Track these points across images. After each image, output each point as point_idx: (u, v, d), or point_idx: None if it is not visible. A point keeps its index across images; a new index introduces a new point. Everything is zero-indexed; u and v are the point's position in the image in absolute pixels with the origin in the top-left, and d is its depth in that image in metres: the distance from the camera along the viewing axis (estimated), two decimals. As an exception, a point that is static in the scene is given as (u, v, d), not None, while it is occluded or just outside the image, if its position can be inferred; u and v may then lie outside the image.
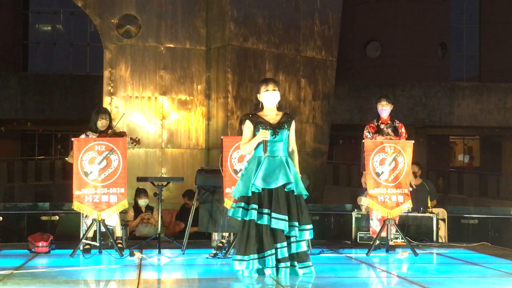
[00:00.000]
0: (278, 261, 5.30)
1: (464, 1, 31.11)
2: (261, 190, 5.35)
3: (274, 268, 5.29)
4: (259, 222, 5.31)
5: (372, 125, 7.61)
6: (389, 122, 7.59)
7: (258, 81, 10.77)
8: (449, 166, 28.07)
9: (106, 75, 10.81)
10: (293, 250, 5.36)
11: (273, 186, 5.34)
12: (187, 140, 11.05)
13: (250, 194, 5.35)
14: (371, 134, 7.56)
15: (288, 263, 5.31)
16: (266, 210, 5.31)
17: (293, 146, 5.61)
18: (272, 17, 11.29)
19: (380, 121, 7.59)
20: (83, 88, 20.86)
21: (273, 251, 5.29)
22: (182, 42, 11.07)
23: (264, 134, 5.38)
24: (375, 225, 7.45)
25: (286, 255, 5.31)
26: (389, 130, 7.54)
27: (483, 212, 11.39)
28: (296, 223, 5.33)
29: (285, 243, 5.31)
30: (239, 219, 5.43)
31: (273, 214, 5.28)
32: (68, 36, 30.70)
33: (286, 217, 5.29)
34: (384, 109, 7.53)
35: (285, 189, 5.37)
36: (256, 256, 5.29)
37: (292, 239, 5.35)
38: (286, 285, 5.05)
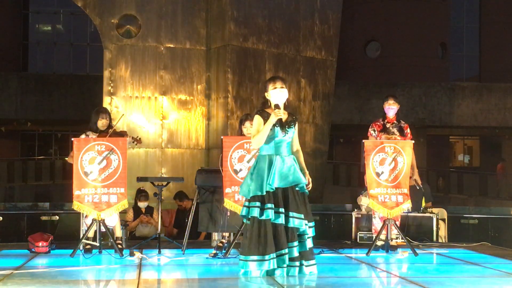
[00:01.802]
0: (289, 260, 5.33)
1: (464, 1, 31.13)
2: (275, 189, 5.35)
3: (285, 268, 5.30)
4: (275, 221, 5.31)
5: (378, 123, 7.62)
6: (395, 122, 7.60)
7: (258, 81, 10.87)
8: (449, 166, 28.07)
9: (106, 75, 10.82)
10: (304, 248, 5.39)
11: (289, 185, 5.37)
12: (187, 140, 11.05)
13: (264, 193, 5.34)
14: (376, 132, 7.56)
15: (297, 263, 5.35)
16: (281, 210, 5.33)
17: (297, 146, 5.63)
18: (272, 17, 11.29)
19: (386, 120, 7.60)
20: (83, 88, 20.87)
21: (287, 250, 5.31)
22: (182, 42, 11.08)
23: (278, 113, 5.37)
24: (377, 223, 7.47)
25: (297, 254, 5.34)
26: (395, 130, 7.55)
27: (483, 212, 11.39)
28: (307, 221, 5.40)
29: (296, 242, 5.34)
30: (248, 218, 5.41)
31: (291, 213, 5.31)
32: (68, 36, 30.71)
33: (303, 216, 5.33)
34: (392, 108, 7.54)
35: (297, 188, 5.41)
36: (274, 255, 5.29)
37: (305, 237, 5.40)
38: (286, 285, 5.05)
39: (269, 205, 5.30)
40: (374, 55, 27.60)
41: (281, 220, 5.30)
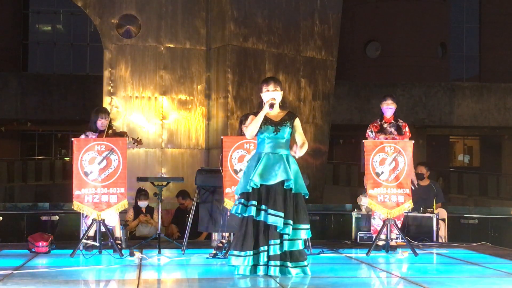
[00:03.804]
0: (268, 258, 5.31)
1: (464, 1, 31.10)
2: (259, 186, 5.36)
3: (265, 266, 5.31)
4: (257, 218, 5.33)
5: (375, 124, 7.60)
6: (393, 121, 7.58)
7: (258, 81, 10.86)
8: (449, 166, 28.07)
9: (106, 75, 10.82)
10: (286, 248, 5.34)
11: (271, 182, 5.35)
12: (187, 140, 11.05)
13: (250, 190, 5.37)
14: (373, 133, 7.55)
15: (278, 262, 5.31)
16: (263, 207, 5.33)
17: (303, 139, 5.54)
18: (272, 17, 11.29)
19: (383, 120, 7.58)
20: (83, 88, 20.87)
21: (266, 247, 5.32)
22: (182, 42, 11.08)
23: (272, 100, 5.43)
24: (377, 225, 7.44)
25: (278, 252, 5.31)
26: (392, 129, 7.53)
27: (483, 212, 11.39)
28: (291, 221, 5.33)
29: (278, 241, 5.31)
30: (239, 216, 5.45)
31: (269, 210, 5.30)
32: (68, 36, 30.69)
33: (282, 214, 5.30)
34: (390, 107, 7.52)
35: (284, 186, 5.38)
36: (251, 252, 5.32)
37: (285, 236, 5.34)
38: (286, 285, 5.05)
39: (252, 202, 5.34)
40: (374, 55, 27.58)
41: (262, 217, 5.32)
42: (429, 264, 6.71)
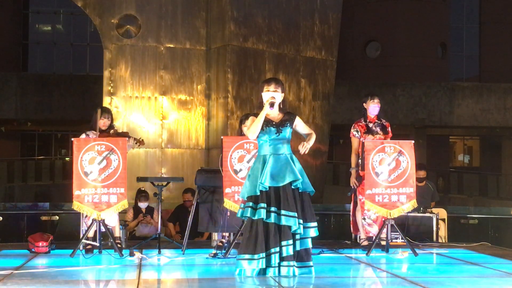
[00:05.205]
0: (282, 259, 5.31)
1: (464, 1, 31.10)
2: (268, 189, 5.36)
3: (277, 268, 5.30)
4: (267, 220, 5.32)
5: (361, 124, 7.59)
6: (377, 120, 7.58)
7: (258, 81, 10.87)
8: (449, 166, 28.07)
9: (106, 75, 10.82)
10: (298, 248, 5.37)
11: (281, 184, 5.36)
12: (187, 140, 11.05)
13: (258, 193, 5.36)
14: (359, 133, 7.54)
15: (291, 262, 5.32)
16: (273, 209, 5.33)
17: (309, 130, 5.68)
18: (272, 17, 11.29)
19: (368, 120, 7.57)
20: (83, 88, 20.88)
21: (278, 249, 5.31)
22: (182, 42, 11.08)
23: (271, 99, 5.44)
24: (367, 225, 7.48)
25: (291, 253, 5.32)
26: (378, 129, 7.54)
27: (483, 212, 11.39)
28: (301, 221, 5.37)
29: (291, 241, 5.32)
30: (246, 219, 5.44)
31: (283, 211, 5.30)
32: (68, 36, 30.70)
33: (296, 214, 5.31)
34: (377, 106, 7.53)
35: (292, 186, 5.39)
36: (264, 254, 5.31)
37: (297, 236, 5.37)
38: (286, 285, 5.04)
39: (262, 205, 5.33)
40: (374, 55, 27.57)
41: (273, 219, 5.31)
42: (429, 264, 6.70)
